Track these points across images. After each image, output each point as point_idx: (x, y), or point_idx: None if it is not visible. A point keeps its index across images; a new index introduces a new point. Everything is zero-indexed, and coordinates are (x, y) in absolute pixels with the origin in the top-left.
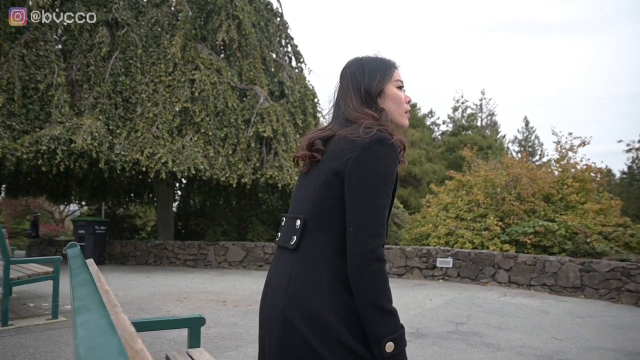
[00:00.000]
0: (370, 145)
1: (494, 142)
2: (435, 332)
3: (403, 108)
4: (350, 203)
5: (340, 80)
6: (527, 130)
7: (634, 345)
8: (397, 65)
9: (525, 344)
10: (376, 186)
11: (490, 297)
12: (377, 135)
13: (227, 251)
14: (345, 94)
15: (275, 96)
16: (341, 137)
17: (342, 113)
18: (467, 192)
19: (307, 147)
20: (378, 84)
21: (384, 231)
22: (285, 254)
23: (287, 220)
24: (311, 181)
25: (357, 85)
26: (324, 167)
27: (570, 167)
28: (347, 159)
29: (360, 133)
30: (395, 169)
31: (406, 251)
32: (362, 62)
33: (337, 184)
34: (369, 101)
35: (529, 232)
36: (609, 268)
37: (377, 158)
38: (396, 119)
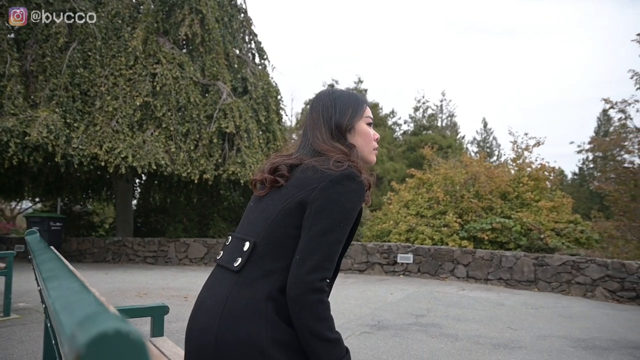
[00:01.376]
0: (339, 179)
1: (453, 142)
2: (396, 324)
3: (372, 145)
4: (305, 231)
5: (311, 111)
6: (486, 131)
7: (582, 333)
8: (367, 101)
9: (482, 334)
10: (336, 220)
11: (449, 291)
12: (347, 170)
13: (188, 248)
14: (314, 125)
15: (238, 92)
16: (309, 167)
17: (310, 143)
18: (428, 189)
19: (270, 171)
20: (349, 120)
21: (331, 267)
22: (225, 274)
23: (233, 240)
24: (269, 205)
25: (328, 119)
26: (286, 194)
27: (525, 166)
28: (312, 188)
29: (330, 165)
30: (358, 207)
31: (367, 247)
32: (334, 95)
33: (297, 214)
34: (339, 135)
35: (487, 229)
36: (560, 262)
37: (343, 193)
38: (364, 155)
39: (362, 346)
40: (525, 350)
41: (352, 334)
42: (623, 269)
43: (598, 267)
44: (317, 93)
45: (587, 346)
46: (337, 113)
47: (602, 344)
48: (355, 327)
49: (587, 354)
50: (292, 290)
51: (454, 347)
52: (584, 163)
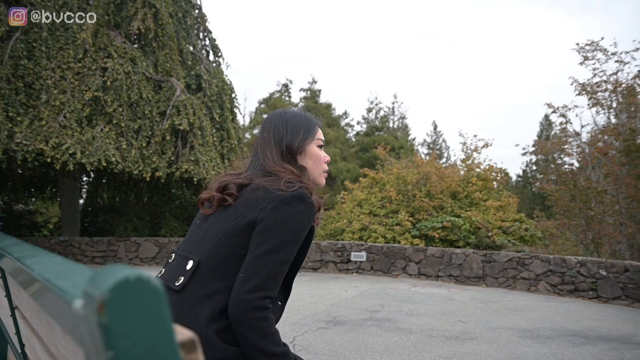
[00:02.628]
0: (289, 199)
1: (405, 144)
2: (351, 320)
3: (322, 167)
4: (251, 250)
5: (262, 131)
6: (435, 134)
7: (527, 324)
8: (320, 123)
9: (435, 327)
10: (283, 240)
11: (401, 287)
12: (298, 191)
13: (139, 247)
14: (265, 146)
15: (192, 89)
16: (259, 186)
17: (260, 163)
18: (380, 189)
19: (219, 190)
20: (300, 142)
21: (275, 286)
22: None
23: (176, 258)
24: (216, 224)
25: (279, 139)
26: (234, 213)
27: (474, 166)
28: (262, 207)
29: (280, 185)
30: (307, 228)
31: (321, 246)
32: (286, 116)
33: (245, 233)
34: (289, 157)
35: (438, 227)
36: (507, 259)
37: (292, 213)
38: (315, 178)
39: (318, 341)
40: (475, 342)
41: (309, 330)
42: (563, 264)
43: (541, 263)
44: (270, 113)
45: (532, 336)
46: (288, 134)
47: (545, 333)
48: (311, 323)
49: (532, 343)
50: (234, 309)
51: (409, 340)
52: (528, 165)
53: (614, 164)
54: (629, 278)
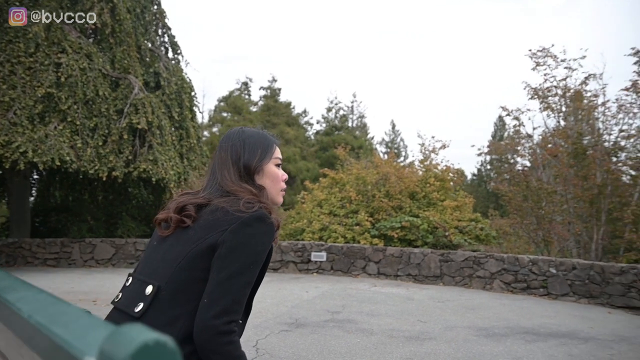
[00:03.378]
0: (250, 221)
1: (364, 143)
2: (313, 322)
3: (280, 186)
4: (214, 274)
5: (219, 150)
6: (394, 133)
7: (483, 322)
8: (278, 141)
9: (395, 328)
10: (246, 263)
11: (362, 287)
12: (258, 212)
13: (95, 248)
14: (223, 165)
15: (150, 87)
16: (218, 208)
17: (218, 183)
18: (340, 189)
19: (176, 211)
20: (258, 161)
21: (239, 309)
22: (124, 320)
23: (134, 282)
24: (175, 246)
25: (237, 159)
26: (194, 236)
27: (432, 167)
28: (222, 230)
29: (240, 206)
30: (268, 248)
31: (282, 246)
32: (244, 135)
33: (206, 257)
34: (247, 176)
35: (396, 227)
36: (463, 258)
37: (253, 235)
38: (272, 196)
39: (281, 344)
40: (435, 341)
41: (271, 333)
42: (517, 262)
43: (496, 262)
44: (227, 132)
45: (487, 334)
46: (246, 154)
47: (500, 331)
48: (273, 326)
49: (487, 341)
50: (200, 336)
51: (370, 341)
52: (483, 164)
53: (563, 166)
54: (576, 275)
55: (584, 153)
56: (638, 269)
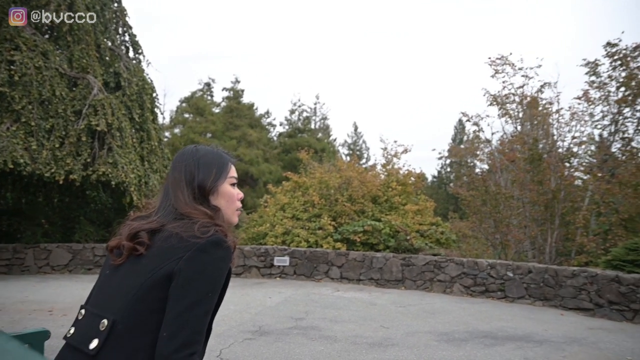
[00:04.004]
0: (206, 247)
1: (327, 145)
2: (277, 329)
3: (235, 206)
4: (171, 305)
5: (173, 170)
6: (356, 135)
7: (444, 327)
8: (233, 159)
9: (359, 334)
10: (204, 292)
11: (325, 292)
12: (214, 237)
13: (50, 254)
14: (177, 186)
15: (110, 87)
16: (172, 234)
17: (172, 204)
18: (303, 193)
19: (129, 238)
20: (213, 182)
21: (200, 339)
22: (78, 357)
23: (87, 316)
24: (129, 276)
25: (191, 179)
26: (148, 265)
27: (394, 171)
28: (178, 258)
29: (195, 231)
30: (226, 273)
31: (244, 251)
32: (198, 154)
33: (163, 286)
34: (202, 198)
35: (359, 231)
36: (424, 262)
37: (210, 261)
38: (228, 217)
39: (245, 353)
40: (397, 348)
41: (235, 342)
42: (476, 266)
43: (456, 266)
44: (181, 150)
45: (448, 339)
46: (200, 174)
47: (460, 336)
48: (237, 334)
49: (448, 346)
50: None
51: (334, 348)
52: (443, 167)
53: (519, 171)
54: (532, 279)
55: (540, 159)
56: (588, 272)
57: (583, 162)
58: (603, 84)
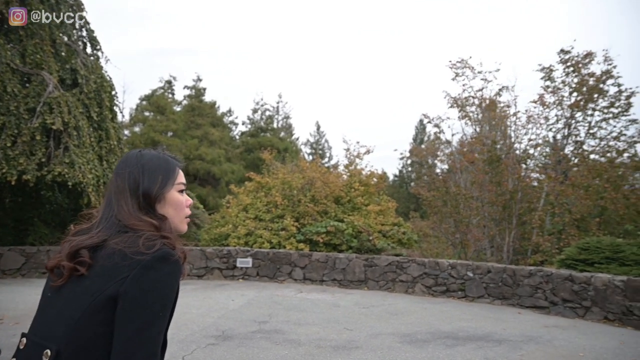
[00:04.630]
0: (152, 263)
1: (290, 145)
2: (240, 333)
3: (184, 213)
4: (120, 331)
5: (116, 177)
6: (319, 134)
7: (406, 328)
8: (181, 163)
9: (323, 337)
10: (154, 312)
11: (288, 294)
12: (161, 251)
13: (1, 258)
14: (120, 195)
15: (67, 85)
16: (115, 251)
17: (115, 215)
18: (266, 193)
19: (69, 257)
20: (159, 189)
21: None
22: None
23: (29, 345)
24: (71, 300)
25: (135, 187)
26: (91, 286)
27: (357, 172)
28: (122, 278)
29: (140, 247)
30: (176, 288)
31: (207, 252)
32: (142, 160)
33: (108, 309)
34: (147, 207)
35: (322, 232)
36: (387, 263)
37: (159, 279)
38: (176, 225)
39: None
40: (361, 350)
41: (198, 347)
42: (437, 267)
43: (418, 266)
44: (124, 156)
45: (411, 340)
46: (145, 181)
47: (423, 337)
48: (200, 340)
49: (411, 348)
50: None
51: (298, 352)
52: (404, 166)
53: (479, 172)
54: (491, 279)
55: (498, 160)
56: (544, 271)
57: (538, 163)
58: (557, 88)
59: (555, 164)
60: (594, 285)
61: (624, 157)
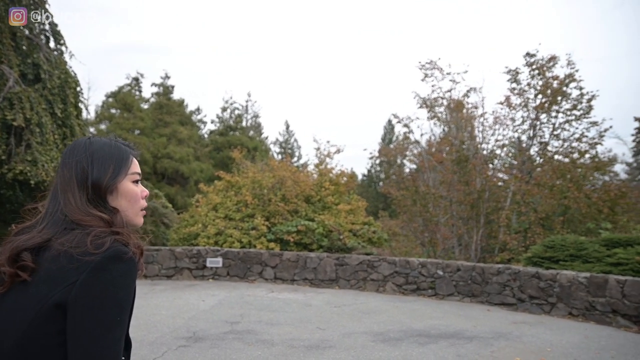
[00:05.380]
0: (103, 264)
1: (259, 144)
2: (212, 334)
3: (139, 205)
4: (74, 343)
5: (62, 167)
6: (288, 133)
7: (379, 327)
8: (135, 151)
9: (295, 337)
10: (110, 318)
11: (259, 294)
12: (112, 250)
13: None
14: (67, 187)
15: (28, 80)
16: (61, 252)
17: (60, 209)
18: (236, 192)
19: (9, 262)
20: (110, 180)
21: None
22: None
23: None
24: (14, 310)
25: (83, 178)
26: (36, 294)
27: (327, 171)
28: (71, 283)
29: (88, 247)
30: (133, 288)
31: (176, 252)
32: (91, 148)
33: (57, 318)
34: (97, 199)
35: (292, 231)
36: (358, 262)
37: (111, 281)
38: (130, 218)
39: None
40: (334, 350)
41: (169, 350)
42: (408, 265)
43: (388, 265)
44: (71, 144)
45: (384, 339)
46: (94, 171)
47: (395, 335)
48: (170, 342)
49: (384, 346)
50: None
51: (271, 353)
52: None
53: (447, 172)
54: (460, 277)
55: (466, 160)
56: (512, 269)
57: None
58: (523, 90)
59: (520, 164)
60: (560, 282)
61: (585, 157)
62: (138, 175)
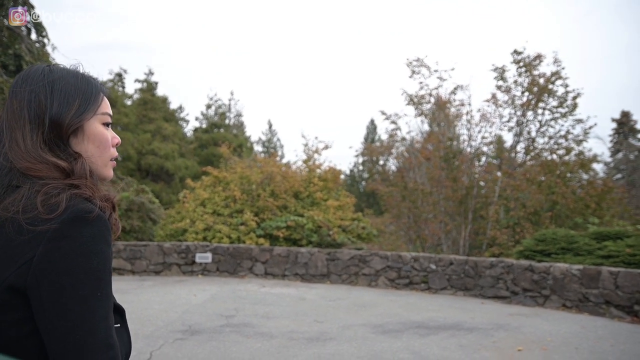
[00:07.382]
0: (63, 231)
1: (244, 142)
2: (208, 328)
3: (109, 154)
4: (52, 334)
5: (11, 99)
6: (270, 132)
7: (377, 319)
8: (106, 89)
9: (294, 330)
10: (88, 296)
11: (251, 289)
12: (72, 210)
13: None
14: (15, 124)
15: (10, 71)
16: (7, 220)
17: (4, 155)
18: (224, 188)
19: None
20: (75, 116)
21: (112, 342)
22: None
23: None
24: None
25: (40, 113)
26: None
27: (315, 167)
28: (27, 261)
29: (39, 210)
30: (109, 251)
31: (164, 248)
32: (52, 76)
33: (13, 305)
34: (57, 141)
35: (282, 227)
36: (349, 257)
37: (79, 249)
38: (98, 169)
39: (178, 355)
40: (336, 341)
41: (165, 342)
42: (400, 260)
43: (380, 260)
44: (25, 70)
45: (383, 331)
46: (55, 105)
47: (395, 327)
48: (166, 335)
49: (385, 338)
50: None
51: (271, 345)
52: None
53: (435, 168)
54: (453, 270)
55: (454, 157)
56: (505, 262)
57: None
58: (509, 88)
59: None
60: (553, 275)
61: (571, 154)
62: (109, 117)
